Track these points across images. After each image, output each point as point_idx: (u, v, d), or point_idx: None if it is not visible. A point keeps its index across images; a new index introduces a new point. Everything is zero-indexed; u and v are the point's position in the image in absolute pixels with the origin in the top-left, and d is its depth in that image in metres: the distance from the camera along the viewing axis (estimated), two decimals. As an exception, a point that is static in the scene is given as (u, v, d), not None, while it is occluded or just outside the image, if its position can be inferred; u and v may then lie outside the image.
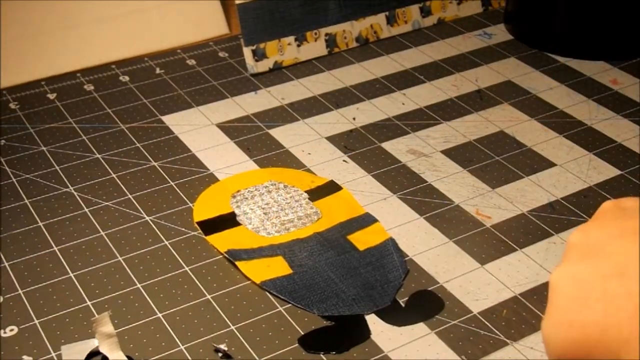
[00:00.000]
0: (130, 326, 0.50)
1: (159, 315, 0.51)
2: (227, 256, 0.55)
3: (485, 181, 0.63)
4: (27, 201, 0.60)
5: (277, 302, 0.52)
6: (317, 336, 0.49)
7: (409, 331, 0.50)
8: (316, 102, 0.72)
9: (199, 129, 0.69)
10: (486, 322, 0.51)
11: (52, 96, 0.73)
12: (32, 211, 0.59)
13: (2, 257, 0.55)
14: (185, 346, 0.49)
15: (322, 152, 0.66)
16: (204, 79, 0.76)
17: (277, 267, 0.54)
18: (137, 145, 0.66)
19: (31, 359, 0.48)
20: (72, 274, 0.54)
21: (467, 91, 0.74)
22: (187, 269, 0.54)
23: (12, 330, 0.50)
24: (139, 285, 0.53)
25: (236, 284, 0.53)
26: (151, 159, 0.65)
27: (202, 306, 0.51)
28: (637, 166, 0.65)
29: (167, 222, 0.58)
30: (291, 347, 0.49)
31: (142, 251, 0.56)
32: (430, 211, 0.60)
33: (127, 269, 0.54)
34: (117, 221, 0.58)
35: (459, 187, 0.62)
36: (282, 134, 0.68)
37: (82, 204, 0.60)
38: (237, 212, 0.59)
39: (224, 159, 0.65)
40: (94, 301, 0.52)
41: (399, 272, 0.54)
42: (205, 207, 0.60)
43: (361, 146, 0.67)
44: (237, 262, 0.54)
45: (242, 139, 0.67)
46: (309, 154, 0.66)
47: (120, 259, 0.55)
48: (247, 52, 0.76)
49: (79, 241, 0.57)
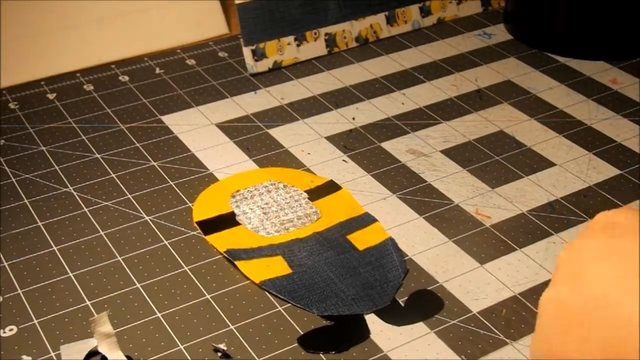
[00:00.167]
0: (129, 326, 0.50)
1: (158, 315, 0.51)
2: (226, 256, 0.55)
3: (484, 181, 0.63)
4: (26, 201, 0.60)
5: (276, 302, 0.52)
6: (317, 336, 0.49)
7: (409, 331, 0.50)
8: (316, 102, 0.72)
9: (198, 128, 0.69)
10: (486, 322, 0.51)
11: (51, 96, 0.73)
12: (32, 211, 0.59)
13: (1, 257, 0.55)
14: (184, 346, 0.49)
15: (321, 152, 0.66)
16: (204, 79, 0.76)
17: (277, 267, 0.54)
18: (137, 145, 0.66)
19: (30, 358, 0.48)
20: (71, 274, 0.54)
21: (467, 91, 0.74)
22: (186, 268, 0.54)
23: (11, 330, 0.50)
24: (139, 285, 0.53)
25: (235, 283, 0.53)
26: (151, 159, 0.65)
27: (202, 306, 0.51)
28: (636, 166, 0.65)
29: (167, 222, 0.58)
30: (290, 347, 0.49)
31: (141, 251, 0.56)
32: (429, 211, 0.60)
33: (127, 268, 0.54)
34: (116, 221, 0.58)
35: (459, 186, 0.62)
36: (281, 133, 0.68)
37: (81, 203, 0.60)
38: (236, 211, 0.59)
39: (223, 158, 0.65)
40: (94, 301, 0.52)
41: (398, 271, 0.54)
42: (204, 207, 0.60)
43: (361, 146, 0.67)
44: (236, 262, 0.54)
45: (241, 138, 0.67)
46: (309, 153, 0.66)
47: (119, 258, 0.55)
48: (246, 52, 0.76)
49: (78, 241, 0.57)
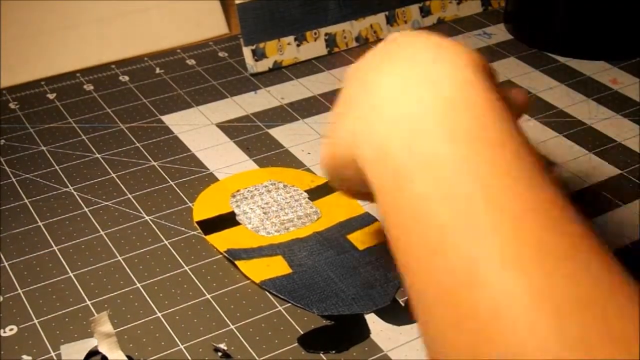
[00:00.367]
0: (129, 326, 0.50)
1: (159, 314, 0.51)
2: (226, 256, 0.55)
3: (485, 181, 0.63)
4: (26, 201, 0.60)
5: (276, 302, 0.52)
6: (317, 335, 0.49)
7: (409, 330, 0.50)
8: (316, 101, 0.72)
9: (198, 128, 0.69)
10: (486, 322, 0.51)
11: (51, 96, 0.73)
12: (32, 211, 0.59)
13: (1, 256, 0.55)
14: (184, 345, 0.49)
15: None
16: (204, 79, 0.76)
17: (277, 267, 0.54)
18: (137, 145, 0.66)
19: (31, 358, 0.48)
20: (71, 274, 0.54)
21: (467, 91, 0.74)
22: (186, 268, 0.54)
23: (11, 329, 0.50)
24: (139, 284, 0.53)
25: (236, 283, 0.53)
26: (151, 159, 0.65)
27: (202, 305, 0.51)
28: (637, 165, 0.65)
29: (167, 222, 0.58)
30: (291, 347, 0.49)
31: (141, 251, 0.56)
32: (430, 211, 0.60)
33: (127, 268, 0.54)
34: (116, 221, 0.58)
35: (459, 186, 0.62)
36: (281, 133, 0.68)
37: (81, 203, 0.60)
38: (236, 211, 0.59)
39: (223, 158, 0.65)
40: (94, 301, 0.52)
41: (398, 271, 0.54)
42: (204, 207, 0.60)
43: (361, 146, 0.67)
44: (236, 262, 0.54)
45: (241, 138, 0.67)
46: (309, 153, 0.66)
47: (119, 258, 0.55)
48: (246, 51, 0.76)
49: (78, 241, 0.57)
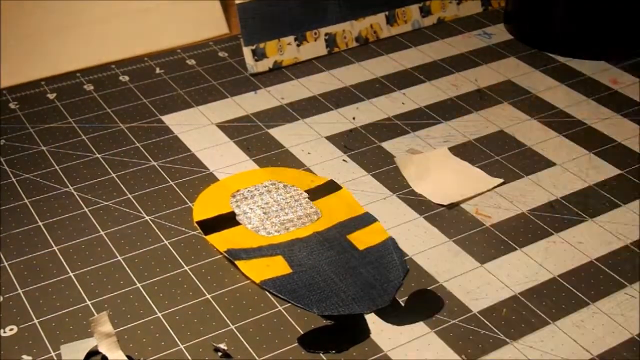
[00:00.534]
0: (129, 326, 0.50)
1: (159, 314, 0.51)
2: (226, 256, 0.55)
3: (485, 181, 0.63)
4: (26, 201, 0.60)
5: (276, 302, 0.52)
6: (317, 335, 0.49)
7: (409, 330, 0.50)
8: (316, 101, 0.72)
9: (198, 128, 0.69)
10: (486, 321, 0.51)
11: (52, 96, 0.73)
12: (32, 211, 0.59)
13: (1, 256, 0.55)
14: (184, 345, 0.49)
15: (321, 152, 0.66)
16: (204, 79, 0.76)
17: (277, 267, 0.54)
18: (137, 145, 0.66)
19: (31, 358, 0.48)
20: (71, 274, 0.54)
21: (467, 91, 0.74)
22: (186, 268, 0.54)
23: (11, 329, 0.50)
24: (139, 284, 0.53)
25: (236, 283, 0.53)
26: (151, 159, 0.65)
27: (202, 305, 0.51)
28: (636, 165, 0.65)
29: (167, 222, 0.58)
30: (291, 347, 0.49)
31: (141, 251, 0.56)
32: (430, 210, 0.60)
33: (127, 268, 0.54)
34: (116, 221, 0.58)
35: (459, 186, 0.62)
36: (281, 133, 0.68)
37: (81, 203, 0.60)
38: (236, 211, 0.59)
39: (223, 158, 0.65)
40: (94, 301, 0.52)
41: (398, 271, 0.54)
42: (204, 207, 0.60)
43: (361, 146, 0.67)
44: (236, 262, 0.54)
45: (241, 138, 0.67)
46: (309, 153, 0.66)
47: (119, 258, 0.55)
48: (246, 51, 0.76)
49: (78, 241, 0.57)
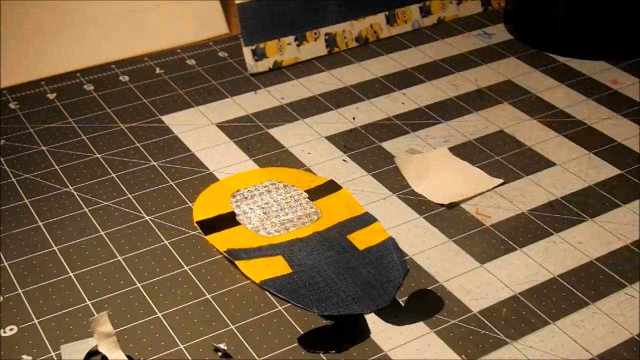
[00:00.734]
0: (129, 325, 0.50)
1: (159, 314, 0.51)
2: (226, 256, 0.55)
3: (485, 181, 0.63)
4: (26, 201, 0.60)
5: (276, 302, 0.52)
6: (317, 335, 0.49)
7: (409, 330, 0.50)
8: (316, 101, 0.72)
9: (198, 128, 0.69)
10: (486, 321, 0.51)
11: (52, 96, 0.73)
12: (32, 211, 0.59)
13: (1, 256, 0.55)
14: (184, 345, 0.49)
15: (321, 152, 0.66)
16: (204, 79, 0.76)
17: (277, 267, 0.54)
18: (137, 145, 0.66)
19: (31, 358, 0.48)
20: (71, 274, 0.54)
21: (467, 91, 0.74)
22: (186, 268, 0.54)
23: (11, 329, 0.50)
24: (139, 284, 0.53)
25: (236, 283, 0.53)
26: (151, 159, 0.65)
27: (202, 305, 0.51)
28: (636, 165, 0.65)
29: (167, 222, 0.58)
30: (291, 347, 0.49)
31: (141, 251, 0.56)
32: (430, 210, 0.60)
33: (127, 268, 0.54)
34: (116, 221, 0.58)
35: (459, 186, 0.62)
36: (281, 133, 0.68)
37: (81, 203, 0.60)
38: (236, 211, 0.59)
39: (223, 158, 0.65)
40: (94, 301, 0.52)
41: (398, 271, 0.54)
42: (204, 207, 0.60)
43: (361, 146, 0.67)
44: (236, 262, 0.54)
45: (241, 138, 0.67)
46: (309, 153, 0.66)
47: (119, 258, 0.55)
48: (246, 51, 0.76)
49: (78, 241, 0.57)
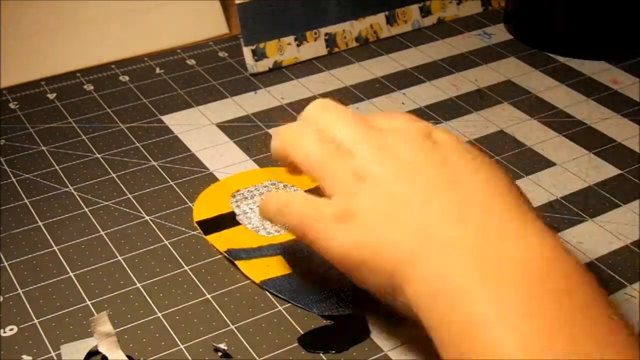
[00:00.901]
0: (129, 325, 0.50)
1: (159, 314, 0.51)
2: (226, 256, 0.55)
3: (485, 181, 0.63)
4: (26, 201, 0.60)
5: (276, 302, 0.52)
6: (317, 335, 0.49)
7: (409, 330, 0.50)
8: (316, 101, 0.72)
9: (198, 128, 0.69)
10: (486, 322, 0.51)
11: (52, 96, 0.73)
12: (32, 211, 0.59)
13: (1, 256, 0.55)
14: (184, 345, 0.49)
15: (321, 152, 0.66)
16: (204, 79, 0.76)
17: (277, 267, 0.54)
18: (137, 145, 0.66)
19: (31, 358, 0.48)
20: (71, 274, 0.54)
21: (467, 91, 0.74)
22: (186, 268, 0.54)
23: (11, 329, 0.50)
24: (139, 284, 0.53)
25: (236, 283, 0.53)
26: (151, 159, 0.65)
27: (202, 305, 0.51)
28: (637, 166, 0.65)
29: (167, 222, 0.58)
30: (291, 347, 0.49)
31: (141, 251, 0.56)
32: (430, 211, 0.60)
33: (127, 268, 0.54)
34: (117, 221, 0.58)
35: (459, 186, 0.62)
36: (281, 133, 0.68)
37: (82, 203, 0.60)
38: (236, 211, 0.59)
39: (223, 158, 0.65)
40: (94, 301, 0.52)
41: None
42: (205, 207, 0.60)
43: (361, 146, 0.67)
44: (236, 262, 0.54)
45: (241, 138, 0.67)
46: (309, 153, 0.66)
47: (120, 258, 0.55)
48: (246, 52, 0.76)
49: (78, 241, 0.57)
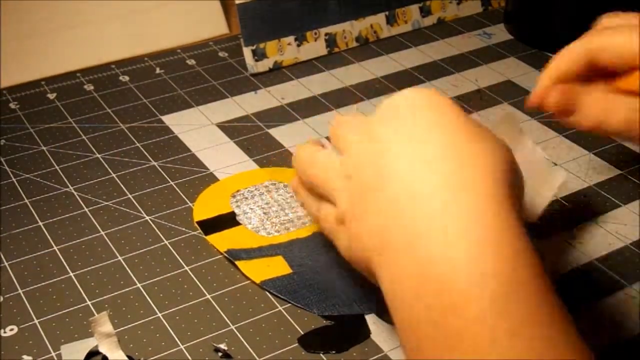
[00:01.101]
0: (130, 326, 0.50)
1: (159, 314, 0.51)
2: (227, 256, 0.55)
3: (485, 181, 0.63)
4: (27, 201, 0.60)
5: (277, 302, 0.52)
6: (317, 336, 0.49)
7: (409, 331, 0.50)
8: (316, 102, 0.72)
9: (199, 128, 0.69)
10: (486, 322, 0.51)
11: (52, 96, 0.73)
12: (32, 211, 0.59)
13: (1, 256, 0.55)
14: (185, 346, 0.49)
15: (322, 152, 0.66)
16: (204, 79, 0.76)
17: (277, 267, 0.54)
18: (137, 145, 0.66)
19: (31, 358, 0.48)
20: (72, 274, 0.54)
21: (467, 91, 0.74)
22: (187, 268, 0.54)
23: (12, 329, 0.50)
24: (139, 284, 0.53)
25: (236, 283, 0.53)
26: (151, 159, 0.65)
27: (202, 306, 0.51)
28: (637, 166, 0.65)
29: (167, 222, 0.58)
30: (291, 347, 0.49)
31: (142, 251, 0.56)
32: (430, 211, 0.60)
33: (127, 268, 0.54)
34: (117, 221, 0.58)
35: (459, 186, 0.62)
36: (282, 133, 0.68)
37: (82, 203, 0.60)
38: (237, 211, 0.59)
39: (223, 158, 0.65)
40: (94, 301, 0.52)
41: None
42: (205, 207, 0.60)
43: (361, 146, 0.67)
44: (237, 262, 0.54)
45: (241, 138, 0.67)
46: (309, 153, 0.66)
47: (120, 258, 0.55)
48: (247, 52, 0.76)
49: (78, 241, 0.57)
